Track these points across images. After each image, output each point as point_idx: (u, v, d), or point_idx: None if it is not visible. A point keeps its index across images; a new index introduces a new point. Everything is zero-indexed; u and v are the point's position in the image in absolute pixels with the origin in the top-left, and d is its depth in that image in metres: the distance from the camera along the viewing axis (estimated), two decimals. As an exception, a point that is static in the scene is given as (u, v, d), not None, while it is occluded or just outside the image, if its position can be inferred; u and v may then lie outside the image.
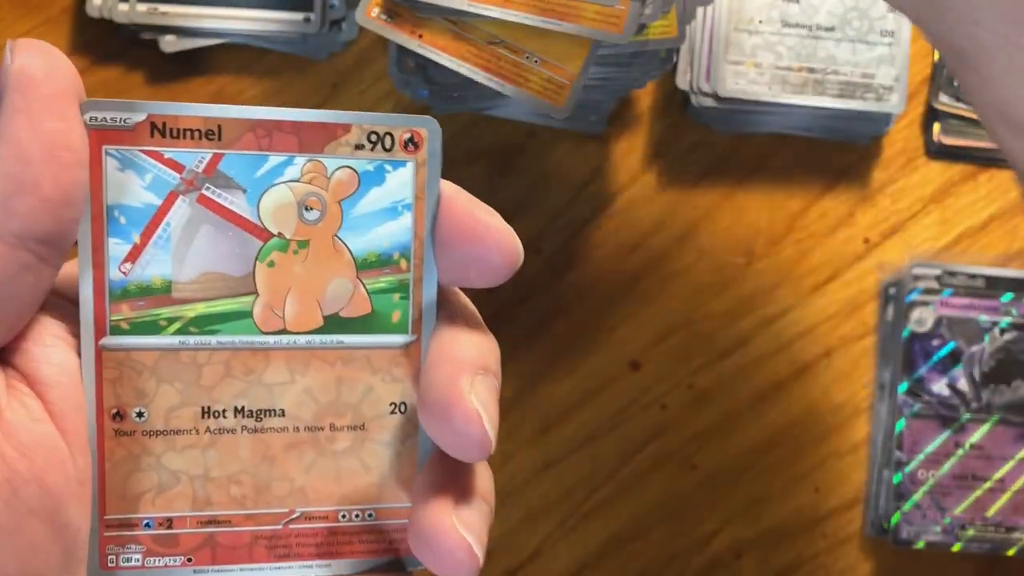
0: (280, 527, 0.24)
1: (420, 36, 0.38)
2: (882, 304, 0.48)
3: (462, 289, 0.26)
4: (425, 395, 0.23)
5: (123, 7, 0.45)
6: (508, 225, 0.24)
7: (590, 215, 0.48)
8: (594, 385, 0.48)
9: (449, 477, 0.24)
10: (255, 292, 0.23)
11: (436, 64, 0.37)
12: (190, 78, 0.47)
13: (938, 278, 0.47)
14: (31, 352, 0.22)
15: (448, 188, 0.24)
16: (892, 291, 0.48)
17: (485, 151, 0.47)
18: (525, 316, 0.47)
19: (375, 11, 0.38)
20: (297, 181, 0.23)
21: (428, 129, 0.24)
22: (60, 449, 0.22)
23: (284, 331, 0.24)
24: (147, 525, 0.24)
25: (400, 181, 0.24)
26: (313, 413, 0.24)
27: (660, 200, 0.48)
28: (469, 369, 0.23)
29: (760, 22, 0.46)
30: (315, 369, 0.24)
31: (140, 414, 0.23)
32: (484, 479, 0.25)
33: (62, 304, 0.23)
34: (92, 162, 0.22)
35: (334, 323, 0.24)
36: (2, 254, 0.21)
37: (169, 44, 0.45)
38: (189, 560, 0.24)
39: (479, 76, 0.37)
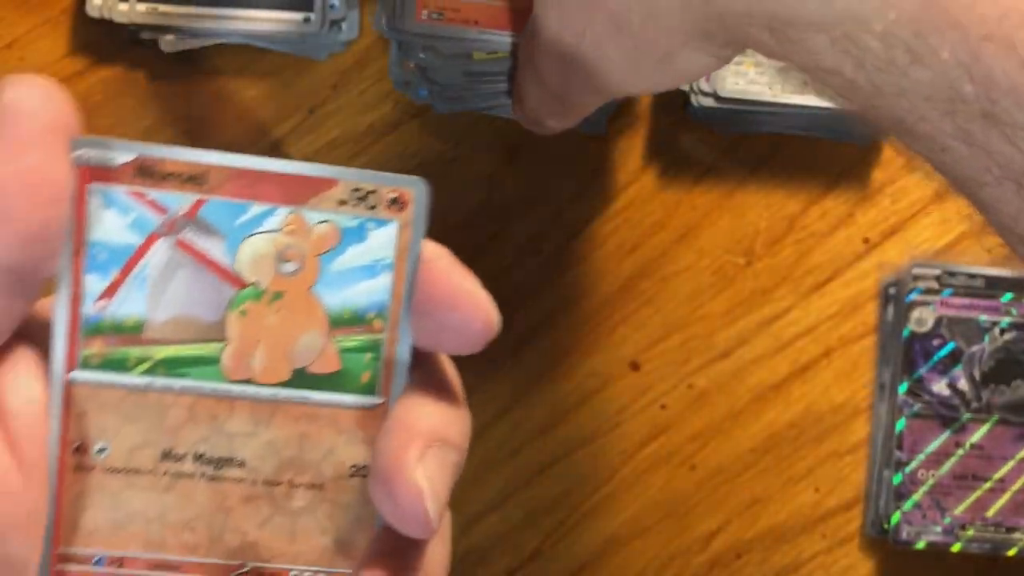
0: None
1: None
2: (882, 304, 0.48)
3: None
4: (373, 462, 0.23)
5: (123, 7, 0.45)
6: (485, 293, 0.23)
7: (590, 215, 0.48)
8: (594, 385, 0.48)
9: (395, 549, 0.23)
10: (225, 339, 0.23)
11: (436, 64, 0.37)
12: (190, 78, 0.47)
13: (938, 278, 0.47)
14: (7, 381, 0.22)
15: (430, 250, 0.24)
16: (892, 291, 0.48)
17: (485, 151, 0.47)
18: (525, 316, 0.47)
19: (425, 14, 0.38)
20: (278, 232, 0.23)
21: (415, 189, 0.23)
22: (11, 482, 0.22)
23: (251, 381, 0.23)
24: (98, 562, 0.24)
25: (382, 240, 0.23)
26: (273, 467, 0.24)
27: (660, 200, 0.48)
28: (423, 440, 0.22)
29: (760, 22, 0.46)
30: (279, 423, 0.24)
31: (102, 450, 0.23)
32: (435, 556, 0.24)
33: (42, 334, 0.23)
34: (77, 197, 0.22)
35: (302, 378, 0.24)
36: None
37: (169, 44, 0.45)
38: None
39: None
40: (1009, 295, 0.47)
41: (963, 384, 0.47)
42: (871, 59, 0.25)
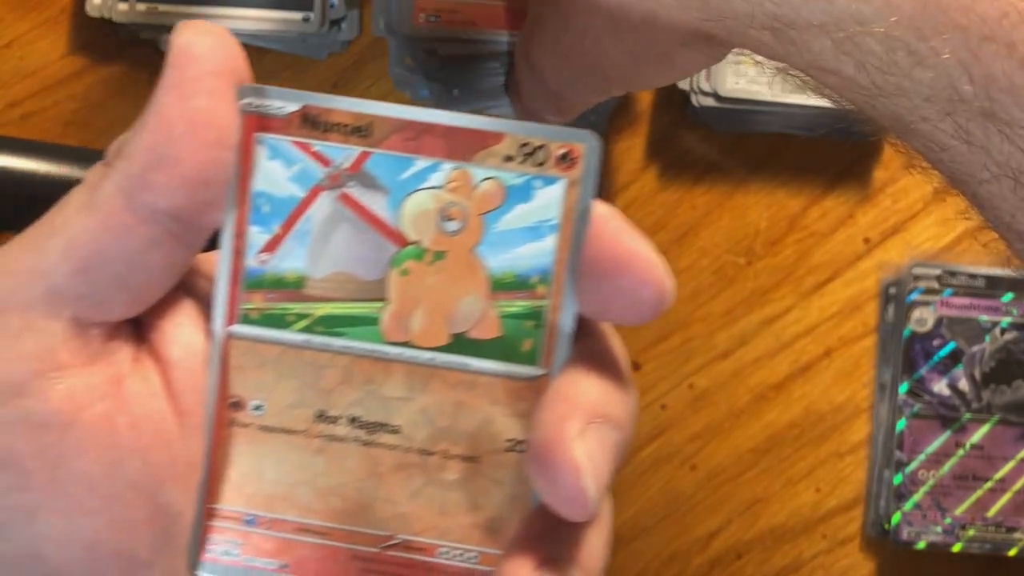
0: (377, 550, 0.23)
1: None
2: (882, 304, 0.48)
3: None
4: (531, 435, 0.21)
5: (123, 7, 0.45)
6: (659, 258, 0.22)
7: (590, 215, 0.48)
8: (594, 385, 0.48)
9: (549, 533, 0.22)
10: (385, 299, 0.22)
11: (436, 63, 0.37)
12: (190, 78, 0.47)
13: (938, 278, 0.47)
14: (165, 329, 0.22)
15: (600, 210, 0.22)
16: (892, 291, 0.48)
17: (485, 151, 0.47)
18: (525, 316, 0.47)
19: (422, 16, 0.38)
20: (441, 188, 0.22)
21: (587, 145, 0.22)
22: (170, 430, 0.22)
23: (409, 344, 0.23)
24: (249, 521, 0.23)
25: (549, 199, 0.22)
26: (427, 436, 0.23)
27: (660, 200, 0.48)
28: (584, 415, 0.21)
29: (760, 22, 0.46)
30: (435, 389, 0.23)
31: (258, 407, 0.23)
32: (592, 542, 0.22)
33: (203, 288, 0.23)
34: (243, 148, 0.22)
35: (460, 343, 0.22)
36: (133, 226, 0.21)
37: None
38: (284, 566, 0.23)
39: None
40: (1009, 295, 0.47)
41: (963, 384, 0.47)
42: (872, 60, 0.25)
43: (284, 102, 0.22)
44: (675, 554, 0.48)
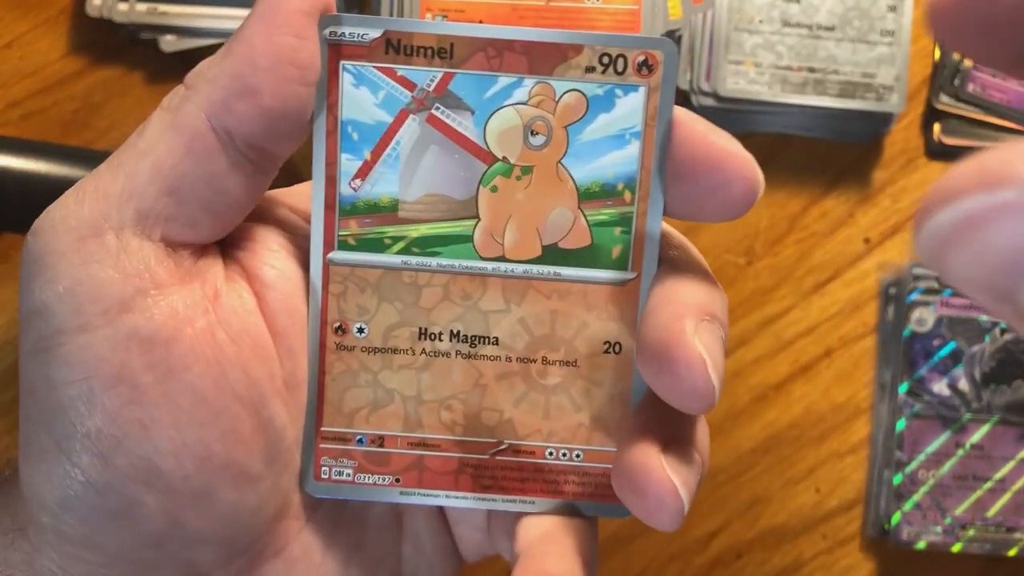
0: (487, 457, 0.24)
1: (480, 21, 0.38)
2: (882, 304, 0.48)
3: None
4: (644, 337, 0.22)
5: (123, 7, 0.45)
6: (749, 154, 0.22)
7: (590, 215, 0.48)
8: (594, 385, 0.48)
9: (662, 423, 0.23)
10: (477, 216, 0.23)
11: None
12: (190, 78, 0.47)
13: (938, 278, 0.47)
14: (256, 252, 0.23)
15: (683, 114, 0.23)
16: (892, 291, 0.48)
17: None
18: (525, 316, 0.47)
19: (429, 17, 0.38)
20: (525, 104, 0.23)
21: (664, 51, 0.22)
22: (267, 346, 0.23)
23: (503, 258, 0.23)
24: (360, 441, 0.24)
25: (630, 107, 0.23)
26: (526, 344, 0.24)
27: (660, 200, 0.48)
28: (695, 313, 0.22)
29: (760, 21, 0.46)
30: (531, 300, 0.23)
31: (361, 330, 0.24)
32: (701, 431, 0.24)
33: (293, 220, 0.24)
34: (329, 77, 0.22)
35: (552, 254, 0.23)
36: (215, 149, 0.21)
37: (169, 44, 0.45)
38: (397, 480, 0.24)
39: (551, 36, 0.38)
40: (1010, 295, 0.47)
41: (963, 384, 0.47)
42: None
43: (366, 29, 0.22)
44: (675, 554, 0.48)
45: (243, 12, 0.45)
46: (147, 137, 0.22)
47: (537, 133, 0.23)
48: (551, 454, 0.24)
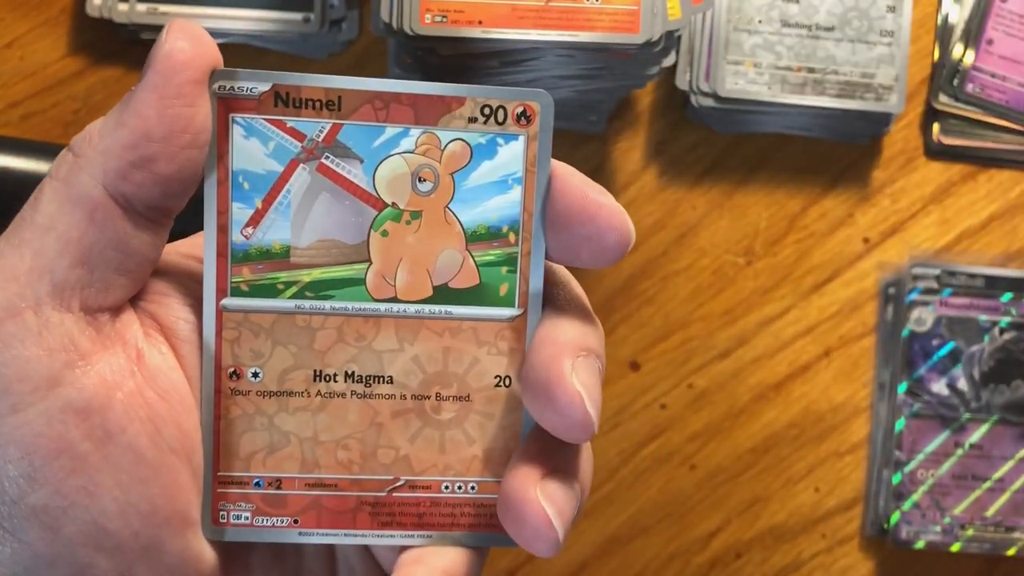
0: (384, 494, 0.25)
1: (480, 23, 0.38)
2: (882, 304, 0.48)
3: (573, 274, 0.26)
4: (528, 376, 0.24)
5: (123, 7, 0.45)
6: (620, 206, 0.24)
7: (590, 215, 0.48)
8: (594, 385, 0.48)
9: (546, 453, 0.24)
10: (368, 260, 0.24)
11: (436, 63, 0.37)
12: (190, 78, 0.47)
13: (938, 278, 0.47)
14: (168, 305, 0.24)
15: (562, 168, 0.24)
16: (892, 291, 0.48)
17: (485, 151, 0.47)
18: (525, 316, 0.47)
19: (428, 17, 0.38)
20: (412, 152, 0.24)
21: (541, 103, 0.24)
22: (190, 399, 0.24)
23: (395, 299, 0.24)
24: (257, 484, 0.24)
25: (511, 155, 0.24)
26: (420, 382, 0.24)
27: (660, 200, 0.48)
28: (571, 351, 0.23)
29: (760, 22, 0.46)
30: (423, 338, 0.24)
31: (256, 374, 0.24)
32: (585, 459, 0.25)
33: (195, 268, 0.25)
34: (219, 129, 0.23)
35: (443, 293, 0.24)
36: (117, 214, 0.22)
37: (169, 44, 0.45)
38: (295, 522, 0.25)
39: (550, 36, 0.37)
40: (1009, 295, 0.47)
41: (963, 384, 0.47)
42: None
43: (255, 83, 0.23)
44: (675, 554, 0.48)
45: (243, 12, 0.45)
46: (43, 211, 0.22)
47: (425, 180, 0.24)
48: (447, 488, 0.25)
